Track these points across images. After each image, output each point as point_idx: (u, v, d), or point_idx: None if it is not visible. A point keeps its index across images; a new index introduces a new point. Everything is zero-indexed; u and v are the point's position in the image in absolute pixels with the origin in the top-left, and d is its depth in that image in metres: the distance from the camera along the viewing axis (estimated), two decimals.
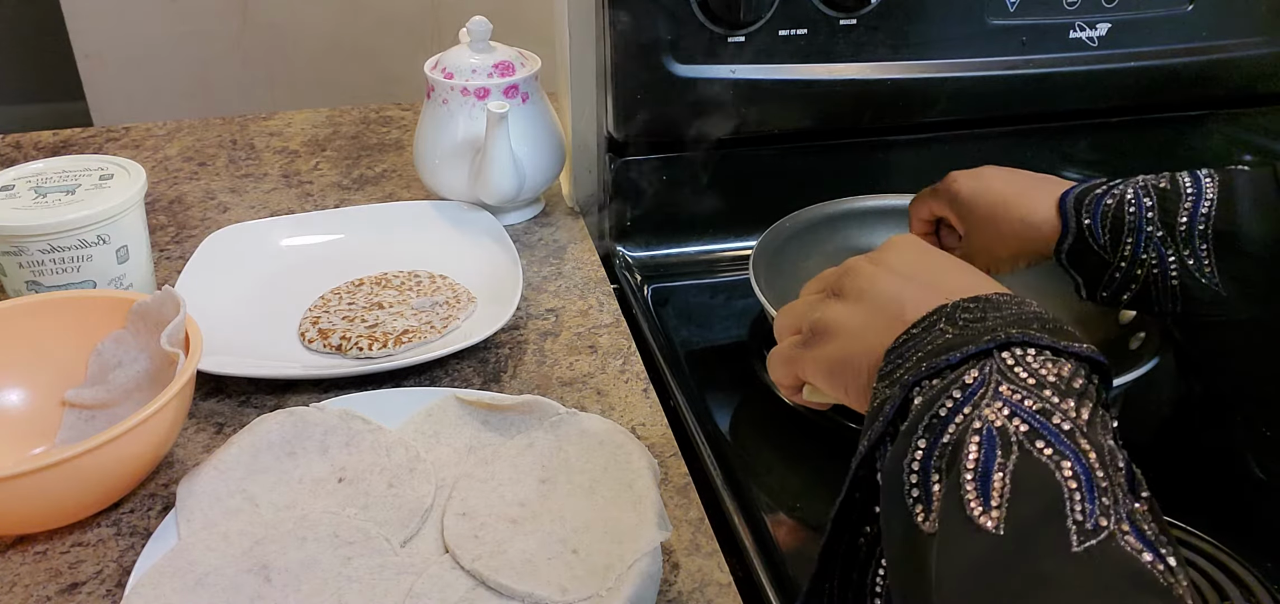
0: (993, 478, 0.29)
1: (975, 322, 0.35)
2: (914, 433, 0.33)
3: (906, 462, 0.32)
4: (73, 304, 0.56)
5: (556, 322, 0.68)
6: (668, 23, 0.71)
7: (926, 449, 0.32)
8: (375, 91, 2.18)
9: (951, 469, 0.31)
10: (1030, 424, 0.30)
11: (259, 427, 0.52)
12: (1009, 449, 0.30)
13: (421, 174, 0.80)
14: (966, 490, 0.29)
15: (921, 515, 0.31)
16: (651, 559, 0.44)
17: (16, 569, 0.47)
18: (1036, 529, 0.27)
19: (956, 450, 0.31)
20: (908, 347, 0.36)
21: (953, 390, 0.32)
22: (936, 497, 0.31)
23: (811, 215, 0.73)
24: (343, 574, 0.45)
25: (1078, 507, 0.27)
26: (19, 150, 0.96)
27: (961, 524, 0.29)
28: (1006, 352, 0.33)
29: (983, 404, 0.31)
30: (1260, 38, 0.83)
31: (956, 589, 0.28)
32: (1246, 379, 0.65)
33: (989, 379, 0.32)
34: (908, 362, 0.35)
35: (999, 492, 0.29)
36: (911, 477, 0.32)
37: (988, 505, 0.29)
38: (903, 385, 0.35)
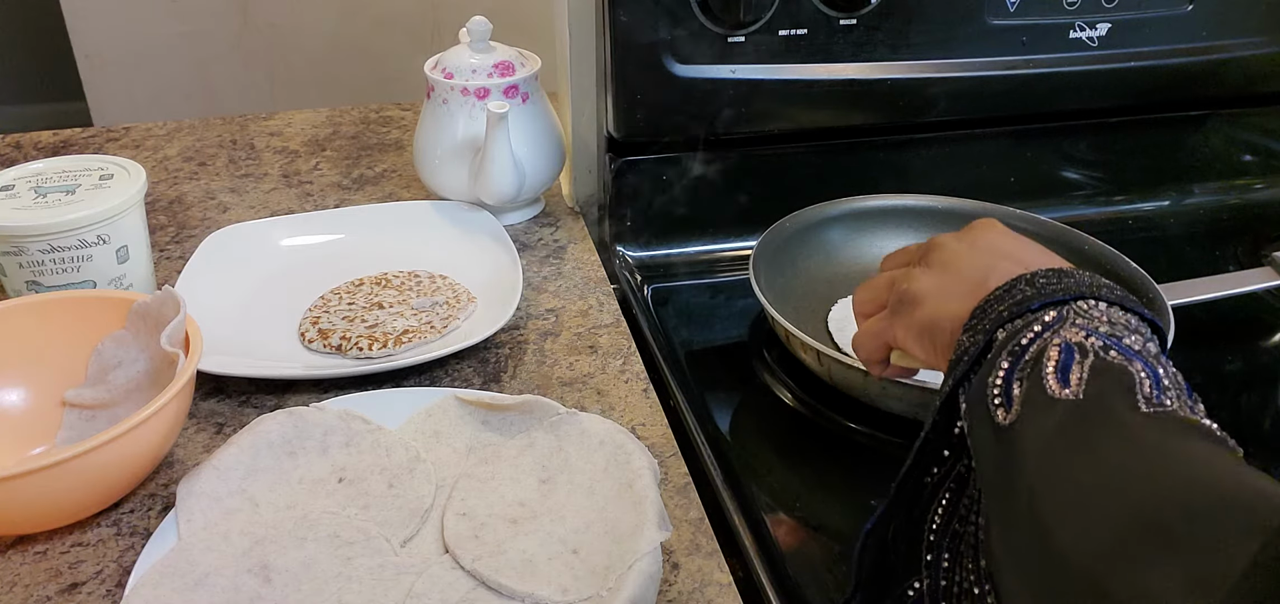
0: (1071, 371, 0.33)
1: (1052, 283, 0.38)
2: (998, 358, 0.36)
3: (990, 379, 0.35)
4: (73, 304, 0.56)
5: (556, 321, 0.68)
6: (668, 23, 0.71)
7: (1009, 367, 0.35)
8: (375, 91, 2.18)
9: (1033, 372, 0.34)
10: (1104, 341, 0.34)
11: (259, 427, 0.52)
12: (1085, 354, 0.33)
13: (421, 174, 0.80)
14: (1048, 379, 0.33)
15: (1002, 414, 0.34)
16: (651, 559, 0.44)
17: (16, 569, 0.47)
18: (1111, 397, 0.31)
19: (1037, 360, 0.34)
20: (991, 304, 0.39)
21: (1033, 325, 0.36)
22: (1016, 397, 0.34)
23: (811, 215, 0.73)
24: (343, 574, 0.45)
25: (1146, 389, 0.31)
26: (19, 150, 0.96)
27: (1043, 401, 0.32)
28: (1081, 301, 0.37)
29: (1061, 331, 0.35)
30: (1260, 38, 0.83)
31: (1038, 448, 0.31)
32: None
33: (1067, 317, 0.36)
34: (990, 314, 0.38)
35: (1077, 378, 0.32)
36: (994, 390, 0.35)
37: (1067, 383, 0.32)
38: (985, 331, 0.38)
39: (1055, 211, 0.84)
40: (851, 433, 0.60)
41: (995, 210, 0.73)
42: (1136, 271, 0.65)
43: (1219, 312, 0.70)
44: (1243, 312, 0.73)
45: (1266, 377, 0.68)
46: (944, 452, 0.39)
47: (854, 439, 0.59)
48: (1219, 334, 0.71)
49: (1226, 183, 0.91)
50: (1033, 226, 0.72)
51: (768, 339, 0.69)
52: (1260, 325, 0.73)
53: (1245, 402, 0.64)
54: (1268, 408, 0.64)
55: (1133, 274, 0.65)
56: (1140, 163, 0.89)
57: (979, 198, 0.74)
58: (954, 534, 0.38)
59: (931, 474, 0.39)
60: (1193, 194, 0.90)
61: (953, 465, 0.39)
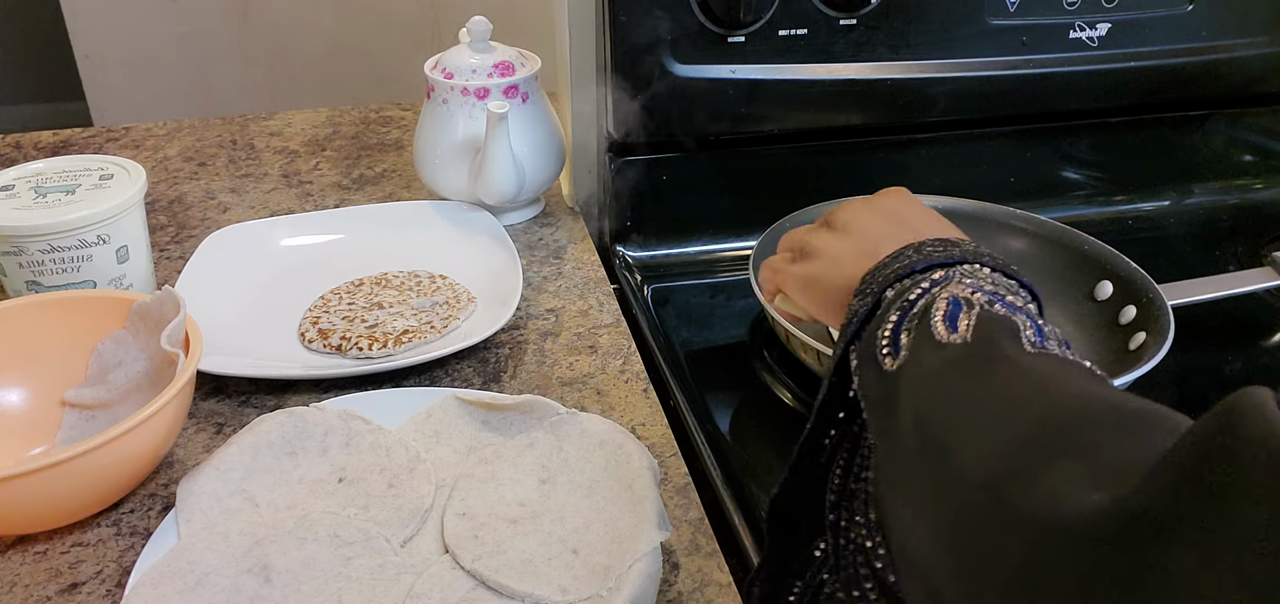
0: (959, 319, 0.35)
1: (938, 250, 0.40)
2: (887, 313, 0.38)
3: (879, 332, 0.37)
4: (73, 304, 0.56)
5: (556, 322, 0.68)
6: (668, 23, 0.71)
7: (897, 320, 0.37)
8: (375, 91, 2.18)
9: (921, 323, 0.36)
10: (988, 297, 0.36)
11: (259, 427, 0.52)
12: (972, 307, 0.35)
13: (421, 174, 0.80)
14: (936, 325, 0.35)
15: (890, 361, 0.36)
16: (651, 559, 0.44)
17: (16, 569, 0.47)
18: (998, 338, 0.33)
19: (926, 312, 0.36)
20: (879, 270, 0.41)
21: (921, 283, 0.38)
22: (904, 345, 0.36)
23: (811, 215, 0.73)
24: (343, 574, 0.45)
25: (1030, 334, 0.33)
26: (19, 150, 0.96)
27: (930, 345, 0.34)
28: (965, 265, 0.39)
29: (949, 287, 0.37)
30: (1260, 38, 0.83)
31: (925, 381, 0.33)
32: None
33: (953, 277, 0.38)
34: (878, 278, 0.41)
35: (965, 325, 0.34)
36: (883, 340, 0.37)
37: (954, 329, 0.34)
38: (873, 293, 0.40)
39: (1055, 211, 0.84)
40: None
41: (994, 211, 0.73)
42: (1136, 271, 0.65)
43: (1219, 312, 0.70)
44: (1243, 312, 0.73)
45: (1266, 377, 0.68)
46: (839, 414, 0.40)
47: None
48: (1219, 334, 0.71)
49: (1226, 183, 0.91)
50: (1033, 226, 0.72)
51: (768, 339, 0.69)
52: (1260, 325, 0.73)
53: None
54: None
55: (1133, 274, 0.65)
56: (1140, 163, 0.89)
57: (979, 198, 0.74)
58: (850, 493, 0.39)
59: (829, 436, 0.41)
60: (1193, 194, 0.90)
61: (847, 427, 0.40)
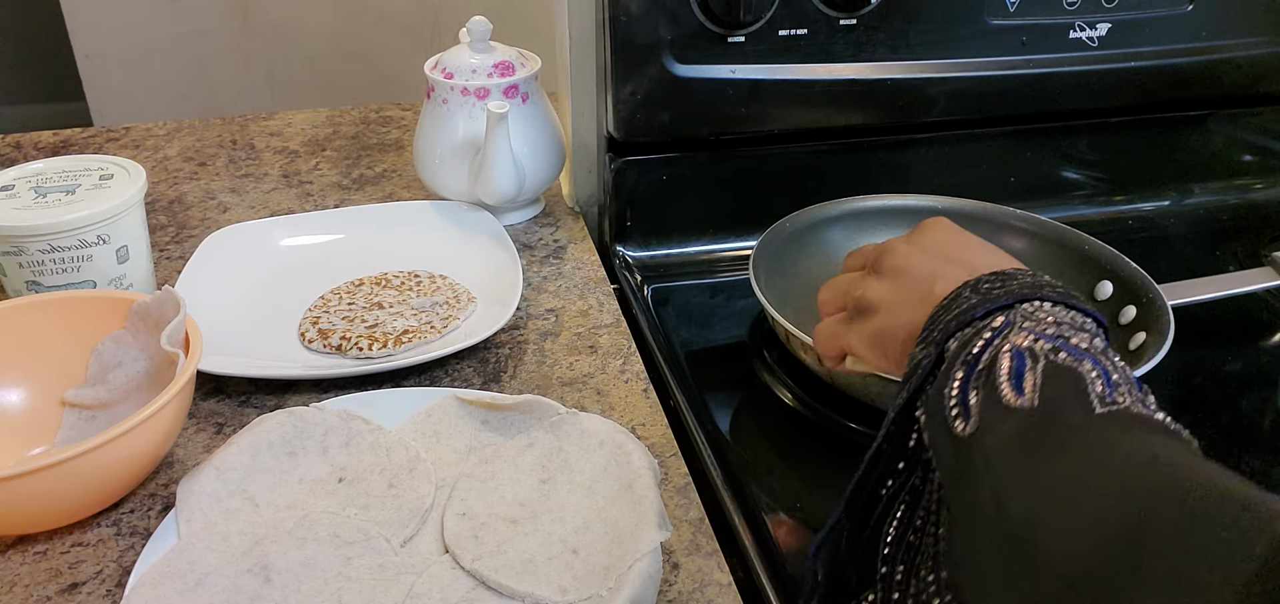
0: (1024, 377, 0.33)
1: (996, 288, 0.39)
2: (952, 367, 0.37)
3: (946, 390, 0.36)
4: (73, 304, 0.56)
5: (556, 322, 0.68)
6: (668, 23, 0.71)
7: (964, 377, 0.36)
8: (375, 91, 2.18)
9: (987, 382, 0.35)
10: (1053, 343, 0.35)
11: (259, 427, 0.52)
12: (1036, 359, 0.34)
13: (421, 174, 0.80)
14: (1002, 387, 0.34)
15: (961, 424, 0.34)
16: (651, 559, 0.44)
17: (16, 569, 0.47)
18: (1065, 400, 0.32)
19: (990, 368, 0.35)
20: (939, 315, 0.40)
21: (983, 333, 0.37)
22: (974, 407, 0.34)
23: (811, 215, 0.73)
24: (343, 574, 0.45)
25: (1098, 388, 0.32)
26: (19, 150, 0.96)
27: (999, 410, 0.33)
28: (1025, 304, 0.38)
29: (1010, 336, 0.36)
30: (1260, 38, 0.83)
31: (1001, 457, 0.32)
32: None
33: (1014, 322, 0.37)
34: (939, 325, 0.39)
35: (1031, 385, 0.33)
36: (951, 400, 0.35)
37: (1021, 393, 0.33)
38: (936, 343, 0.39)
39: (1055, 211, 0.84)
40: (851, 433, 0.60)
41: (994, 212, 0.73)
42: (1136, 272, 0.65)
43: (1219, 312, 0.70)
44: (1243, 312, 0.73)
45: (1266, 377, 0.68)
46: (899, 464, 0.40)
47: (854, 439, 0.59)
48: (1219, 334, 0.71)
49: (1226, 183, 0.91)
50: (1033, 226, 0.72)
51: (768, 339, 0.69)
52: (1260, 325, 0.73)
53: (1245, 402, 0.64)
54: (1268, 408, 0.64)
55: (1133, 274, 0.65)
56: (1140, 163, 0.89)
57: (979, 198, 0.74)
58: (908, 546, 0.38)
59: (887, 486, 0.40)
60: (1193, 194, 0.90)
61: (907, 478, 0.39)
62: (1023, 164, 0.87)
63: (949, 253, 0.45)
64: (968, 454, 0.34)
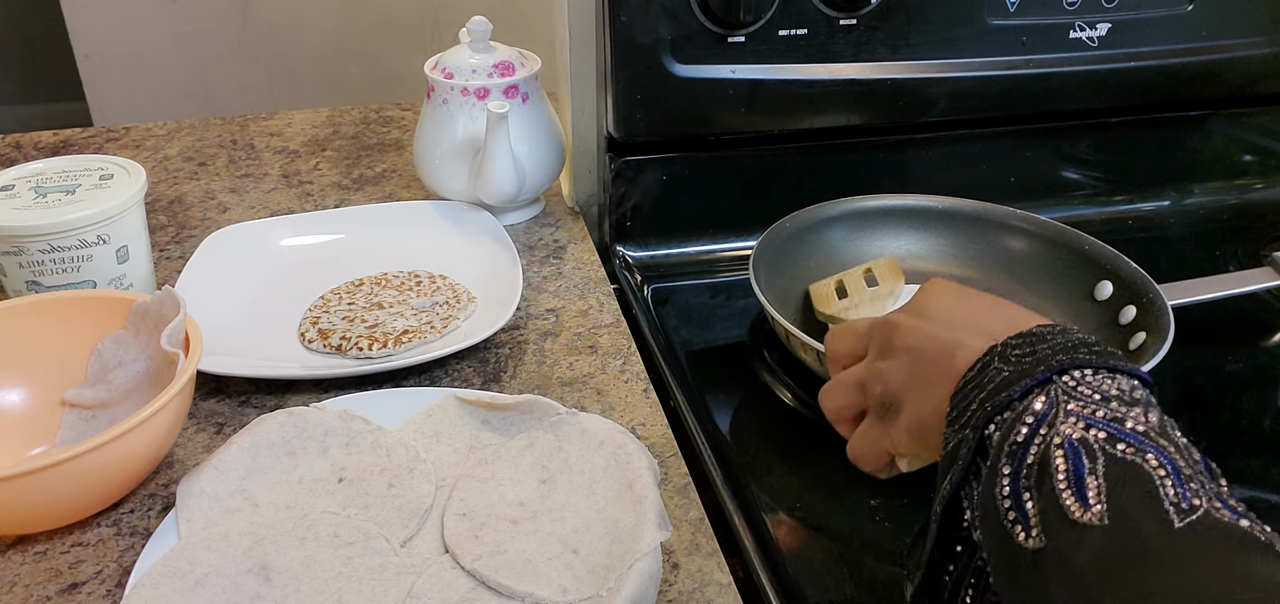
0: (1086, 482, 0.31)
1: (1026, 356, 0.36)
2: (998, 463, 0.34)
3: (997, 491, 0.33)
4: (73, 304, 0.56)
5: (556, 322, 0.68)
6: (668, 23, 0.71)
7: (1012, 474, 0.33)
8: (375, 91, 2.18)
9: (1042, 485, 0.32)
10: (1107, 431, 0.32)
11: (259, 427, 0.52)
12: (1094, 455, 0.31)
13: (421, 174, 0.80)
14: (1064, 498, 0.31)
15: (1022, 535, 0.32)
16: (651, 559, 0.44)
17: (16, 569, 0.47)
18: (1138, 513, 0.29)
19: (1043, 468, 0.32)
20: (968, 391, 0.37)
21: (1025, 418, 0.34)
22: (1032, 515, 0.32)
23: (811, 215, 0.73)
24: (343, 574, 0.45)
25: (1170, 491, 0.29)
26: (19, 150, 0.96)
27: (1067, 528, 0.30)
28: (1065, 375, 0.35)
29: (1058, 423, 0.33)
30: (1260, 38, 0.83)
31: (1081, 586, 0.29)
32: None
33: (1057, 402, 0.34)
34: (972, 404, 0.37)
35: (1095, 491, 0.30)
36: (1005, 503, 0.33)
37: (1087, 504, 0.30)
38: (974, 428, 0.36)
39: (1055, 211, 0.84)
40: None
41: (994, 212, 0.73)
42: (1136, 272, 0.65)
43: (1219, 311, 0.70)
44: (1243, 312, 0.73)
45: (1266, 377, 0.68)
46: (956, 547, 0.38)
47: None
48: (1219, 334, 0.71)
49: (1226, 183, 0.91)
50: (1033, 226, 0.72)
51: (768, 339, 0.69)
52: (1260, 325, 0.73)
53: (1245, 402, 0.64)
54: (1268, 408, 0.64)
55: (1133, 274, 0.65)
56: (1140, 163, 0.89)
57: (979, 198, 0.74)
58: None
59: (948, 572, 0.38)
60: (1193, 194, 0.90)
61: (969, 560, 0.37)
62: (1023, 164, 0.87)
63: (960, 319, 0.42)
64: (1039, 573, 0.31)
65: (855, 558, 0.50)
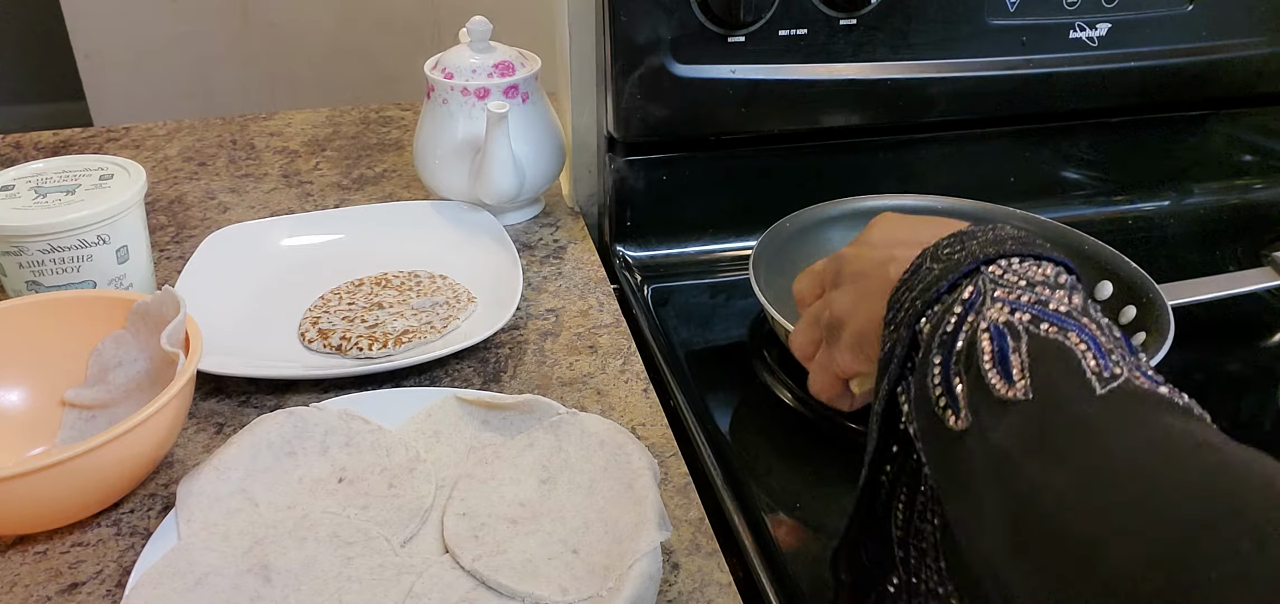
0: (1010, 359, 0.32)
1: (956, 252, 0.38)
2: (929, 353, 0.35)
3: (928, 379, 0.34)
4: (73, 304, 0.56)
5: (556, 322, 0.68)
6: (668, 23, 0.71)
7: (943, 362, 0.34)
8: (375, 91, 2.18)
9: (970, 368, 0.33)
10: (1031, 313, 0.33)
11: (259, 427, 0.52)
12: (1018, 336, 0.32)
13: (421, 174, 0.80)
14: (989, 377, 0.32)
15: (952, 418, 0.33)
16: (651, 559, 0.44)
17: (16, 569, 0.47)
18: (1060, 385, 0.30)
19: (971, 350, 0.33)
20: (901, 294, 0.39)
21: (954, 308, 0.35)
22: (961, 396, 0.33)
23: (811, 215, 0.73)
24: (343, 574, 0.45)
25: (1092, 363, 0.30)
26: (19, 150, 0.96)
27: (991, 405, 0.31)
28: (992, 265, 0.36)
29: (985, 309, 0.34)
30: (1260, 38, 0.83)
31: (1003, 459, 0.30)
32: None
33: (984, 290, 0.35)
34: (904, 304, 0.38)
35: (1018, 368, 0.31)
36: (936, 390, 0.34)
37: (1011, 381, 0.31)
38: (906, 325, 0.37)
39: (1055, 211, 0.84)
40: (851, 433, 0.60)
41: (994, 212, 0.73)
42: (1136, 272, 0.65)
43: (1219, 311, 0.70)
44: (1243, 312, 0.73)
45: (1266, 377, 0.68)
46: (892, 447, 0.39)
47: (854, 439, 0.59)
48: (1219, 334, 0.71)
49: (1226, 183, 0.91)
50: (1033, 226, 0.71)
51: (768, 339, 0.69)
52: (1260, 325, 0.73)
53: (1245, 402, 0.64)
54: (1268, 408, 0.64)
55: (1133, 274, 0.65)
56: (1140, 163, 0.89)
57: (979, 198, 0.74)
58: (916, 531, 0.38)
59: (885, 473, 0.40)
60: (1193, 194, 0.90)
61: (904, 461, 0.39)
62: (1023, 164, 0.87)
63: (898, 237, 0.44)
64: (964, 451, 0.32)
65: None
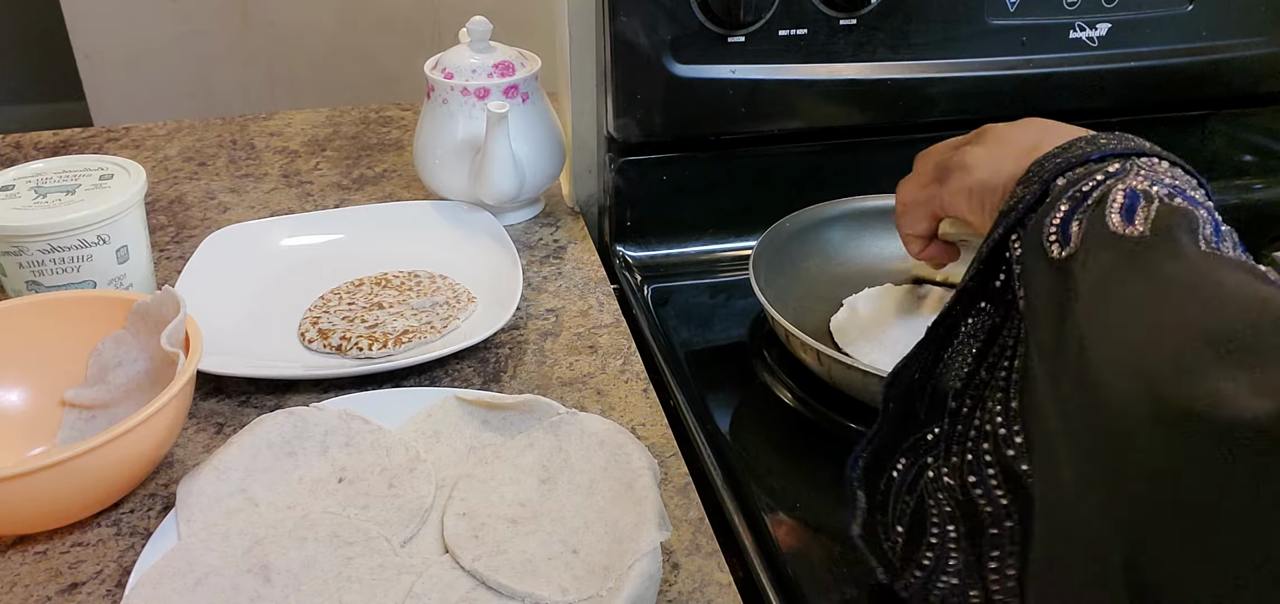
0: (1136, 211, 0.33)
1: (1113, 144, 0.39)
2: (1057, 201, 0.35)
3: (1048, 220, 0.35)
4: (73, 304, 0.56)
5: (556, 322, 0.68)
6: (668, 23, 0.71)
7: (1068, 210, 0.35)
8: (375, 91, 2.18)
9: (1095, 214, 0.34)
10: (1168, 190, 0.34)
11: (259, 427, 0.52)
12: (1151, 199, 0.33)
13: (421, 174, 0.80)
14: (1111, 216, 0.33)
15: (1057, 249, 0.34)
16: (651, 559, 0.44)
17: (16, 569, 0.47)
18: (1176, 232, 0.31)
19: (1101, 202, 0.34)
20: (1048, 159, 0.39)
21: (1095, 173, 0.36)
22: (1074, 233, 0.34)
23: (811, 215, 0.73)
24: (343, 574, 0.45)
25: (1207, 232, 0.32)
26: (19, 150, 0.96)
27: (1105, 236, 0.32)
28: (1144, 158, 0.37)
29: (1126, 178, 0.35)
30: (1260, 38, 0.83)
31: (1099, 279, 0.31)
32: None
33: (1130, 168, 0.36)
34: (1048, 167, 0.38)
35: (1142, 217, 0.32)
36: (1051, 229, 0.35)
37: (1132, 221, 0.32)
38: (1042, 180, 0.37)
39: None
40: (851, 433, 0.60)
41: None
42: None
43: None
44: None
45: None
46: (981, 302, 0.39)
47: (854, 439, 0.59)
48: None
49: (1226, 183, 0.91)
50: None
51: (768, 339, 0.69)
52: None
53: None
54: None
55: None
56: None
57: None
58: (979, 382, 0.38)
59: (966, 324, 0.40)
60: None
61: (988, 319, 0.39)
62: None
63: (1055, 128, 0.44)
64: (1061, 275, 0.33)
65: (855, 558, 0.50)
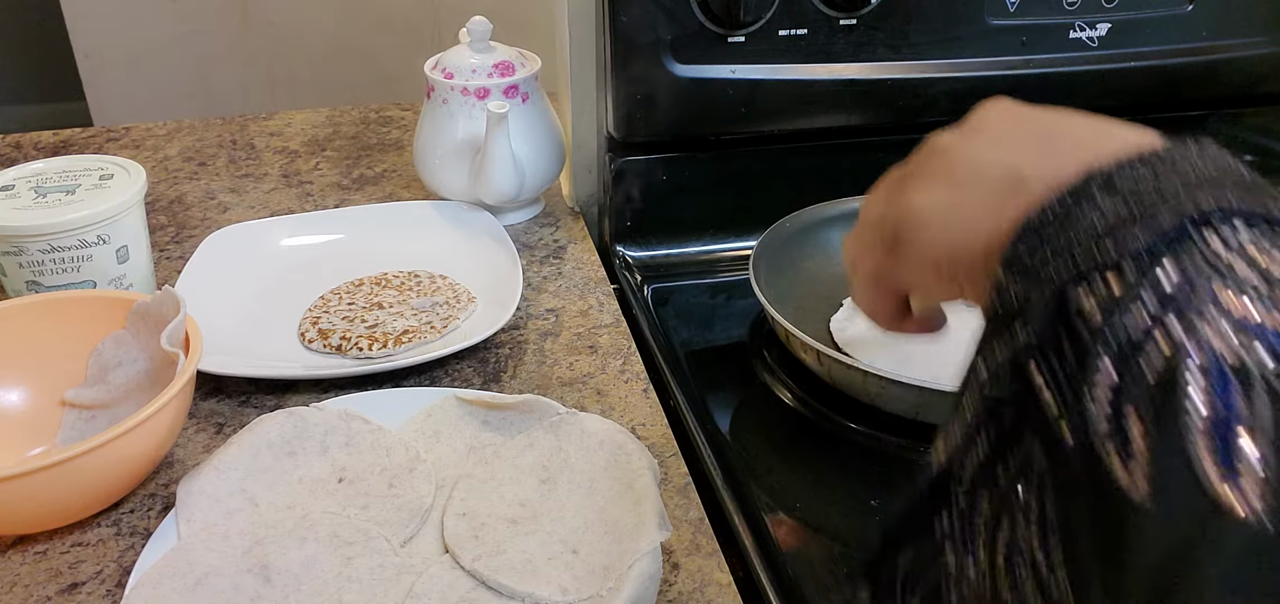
0: (1238, 439, 0.20)
1: (1148, 193, 0.24)
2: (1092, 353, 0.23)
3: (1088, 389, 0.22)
4: (73, 304, 0.56)
5: (556, 322, 0.68)
6: (668, 23, 0.71)
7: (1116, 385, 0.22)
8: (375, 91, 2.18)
9: (1164, 416, 0.21)
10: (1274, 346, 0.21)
11: (259, 427, 0.52)
12: (1252, 388, 0.20)
13: (421, 174, 0.80)
14: (1201, 458, 0.20)
15: (1119, 467, 0.21)
16: (651, 559, 0.44)
17: (16, 569, 0.47)
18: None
19: (1168, 390, 0.21)
20: (1050, 227, 0.26)
21: (1142, 294, 0.22)
22: (1139, 447, 0.21)
23: (811, 215, 0.73)
24: (343, 574, 0.45)
25: None
26: (19, 150, 0.96)
27: (1199, 504, 0.20)
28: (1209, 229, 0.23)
29: (1198, 321, 0.22)
30: (1260, 38, 0.83)
31: (1223, 585, 0.20)
32: None
33: (1197, 279, 0.22)
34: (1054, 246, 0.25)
35: (1255, 461, 0.20)
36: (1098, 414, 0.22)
37: (1235, 478, 0.20)
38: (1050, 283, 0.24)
39: None
40: (851, 433, 0.60)
41: None
42: None
43: None
44: None
45: None
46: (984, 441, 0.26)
47: (854, 439, 0.59)
48: None
49: None
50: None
51: (768, 339, 0.69)
52: None
53: None
54: None
55: None
56: None
57: None
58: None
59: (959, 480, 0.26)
60: None
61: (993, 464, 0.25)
62: None
63: (1030, 131, 0.31)
64: (1125, 523, 0.21)
65: (855, 558, 0.50)
